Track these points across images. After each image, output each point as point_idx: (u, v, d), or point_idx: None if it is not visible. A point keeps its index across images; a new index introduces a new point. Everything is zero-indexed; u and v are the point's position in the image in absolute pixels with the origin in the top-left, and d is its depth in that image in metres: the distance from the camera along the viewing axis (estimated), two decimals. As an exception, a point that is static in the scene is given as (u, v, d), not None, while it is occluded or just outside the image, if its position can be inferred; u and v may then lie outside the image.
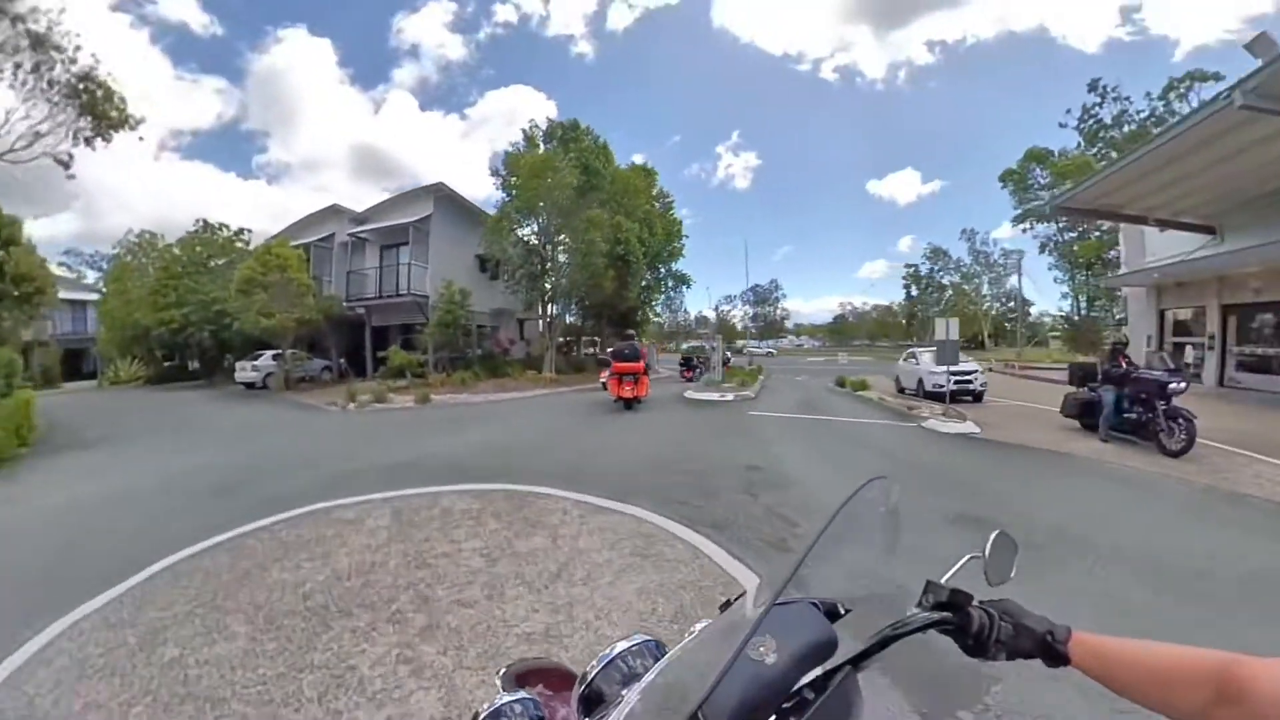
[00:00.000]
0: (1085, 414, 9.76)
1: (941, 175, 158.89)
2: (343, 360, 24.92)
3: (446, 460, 7.67)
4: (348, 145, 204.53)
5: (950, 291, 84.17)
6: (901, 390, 18.87)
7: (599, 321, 30.88)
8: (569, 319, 29.20)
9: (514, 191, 20.46)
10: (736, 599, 0.94)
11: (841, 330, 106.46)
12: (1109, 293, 46.14)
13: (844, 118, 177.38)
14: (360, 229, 23.30)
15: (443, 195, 22.81)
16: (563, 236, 20.75)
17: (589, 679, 1.00)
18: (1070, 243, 47.53)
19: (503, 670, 1.37)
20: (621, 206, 22.31)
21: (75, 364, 35.95)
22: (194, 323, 25.15)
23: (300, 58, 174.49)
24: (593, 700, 0.98)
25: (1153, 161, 11.88)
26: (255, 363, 21.47)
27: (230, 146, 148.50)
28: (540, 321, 37.57)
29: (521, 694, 1.04)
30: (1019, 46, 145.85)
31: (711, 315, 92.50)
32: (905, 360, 20.09)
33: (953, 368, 14.81)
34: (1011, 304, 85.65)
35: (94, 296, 36.65)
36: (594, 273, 20.41)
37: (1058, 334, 77.59)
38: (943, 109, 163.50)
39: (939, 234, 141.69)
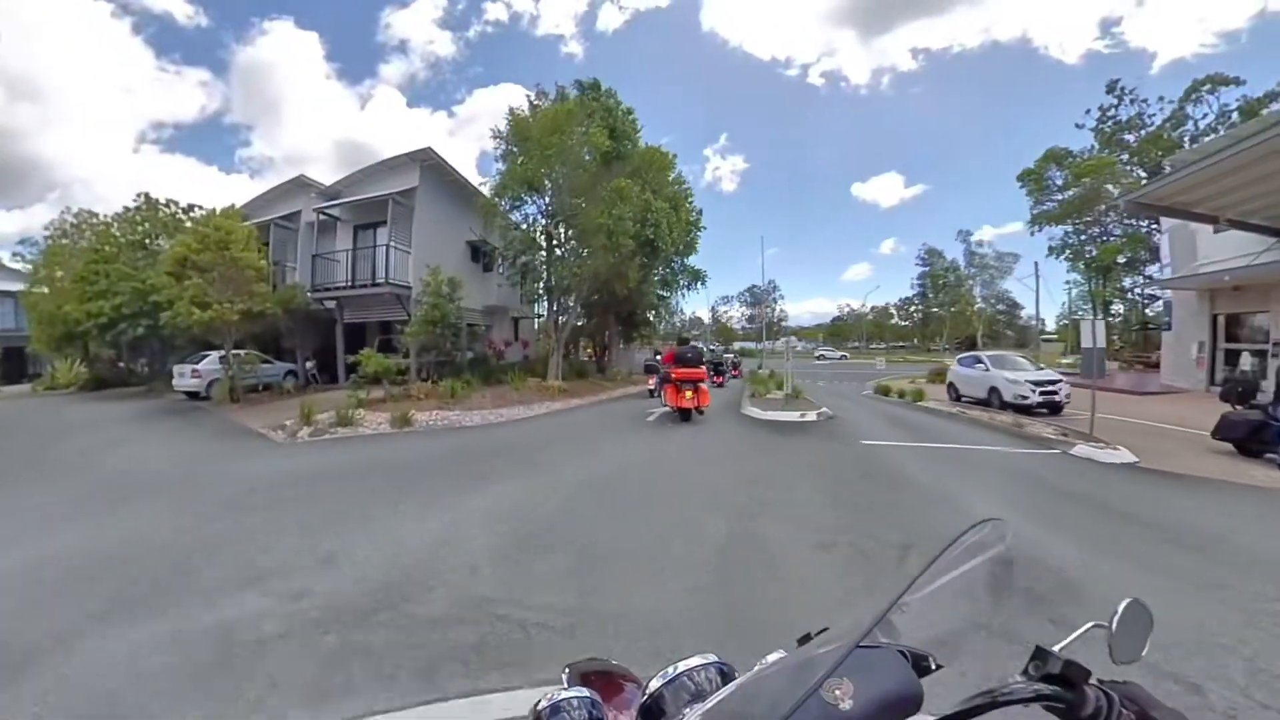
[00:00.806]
0: (1251, 437, 8.37)
1: (924, 180, 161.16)
2: (311, 363, 20.94)
3: (451, 582, 3.96)
4: (333, 140, 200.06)
5: (942, 294, 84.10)
6: (959, 398, 17.31)
7: (604, 320, 27.21)
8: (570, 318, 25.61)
9: (519, 159, 16.57)
10: (818, 634, 0.91)
11: (839, 331, 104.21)
12: (1124, 295, 43.37)
13: (830, 122, 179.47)
14: (329, 204, 19.30)
15: (430, 164, 18.89)
16: (575, 218, 16.96)
17: (651, 690, 0.98)
18: (1081, 245, 45.77)
19: (568, 667, 1.33)
20: (648, 183, 18.59)
21: (18, 364, 31.62)
22: (127, 316, 21.00)
23: (286, 51, 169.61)
24: (653, 712, 0.96)
25: (1245, 158, 11.01)
26: (197, 366, 17.48)
27: (213, 140, 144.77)
28: (536, 321, 33.84)
29: (584, 691, 1.02)
30: (1001, 56, 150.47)
31: (706, 316, 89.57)
32: (968, 366, 17.68)
33: (1036, 378, 14.33)
34: (1001, 306, 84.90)
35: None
36: (620, 257, 16.65)
37: (1051, 337, 76.37)
38: (926, 115, 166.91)
39: (921, 237, 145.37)
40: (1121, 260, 41.83)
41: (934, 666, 0.80)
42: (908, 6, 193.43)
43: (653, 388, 17.60)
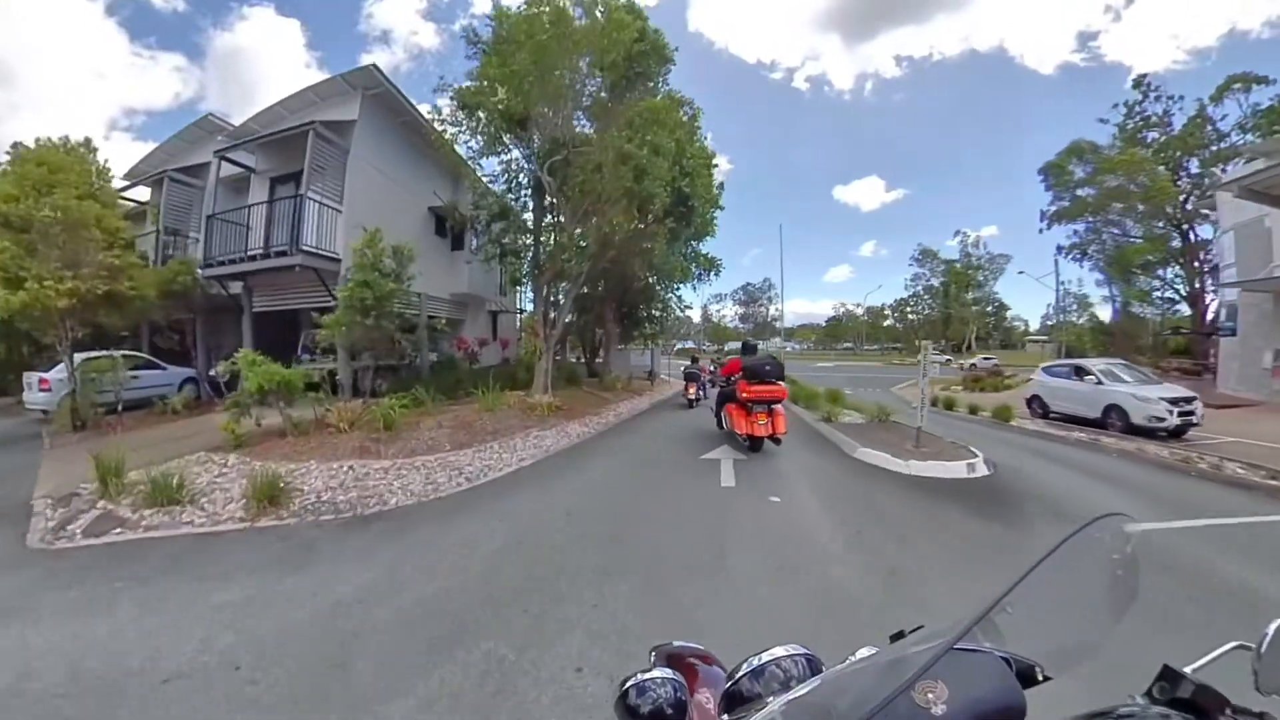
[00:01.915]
0: None
1: (905, 184, 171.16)
2: (219, 368, 15.66)
3: None
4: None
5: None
6: (1047, 414, 15.24)
7: (600, 314, 22.30)
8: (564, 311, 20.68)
9: (502, 78, 11.28)
10: (912, 632, 0.85)
11: (833, 332, 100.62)
12: (1147, 295, 40.84)
13: (813, 125, 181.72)
14: (232, 145, 14.00)
15: (376, 94, 13.60)
16: (583, 154, 11.70)
17: (736, 677, 0.98)
18: (1102, 245, 42.11)
19: (655, 648, 1.35)
20: (681, 124, 13.55)
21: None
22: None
23: (266, 38, 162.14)
24: (736, 699, 0.96)
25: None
26: (46, 375, 12.37)
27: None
28: (519, 316, 28.69)
29: (669, 672, 1.00)
30: (981, 65, 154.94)
31: (696, 315, 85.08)
32: (1064, 377, 15.07)
33: (1169, 394, 11.98)
34: (990, 308, 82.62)
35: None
36: (648, 222, 11.61)
37: (1038, 338, 74.43)
38: (907, 120, 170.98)
39: (900, 240, 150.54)
40: (1139, 263, 38.64)
41: (1041, 677, 0.73)
42: (891, 13, 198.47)
43: (693, 397, 16.06)
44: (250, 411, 9.01)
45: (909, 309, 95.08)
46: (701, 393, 16.32)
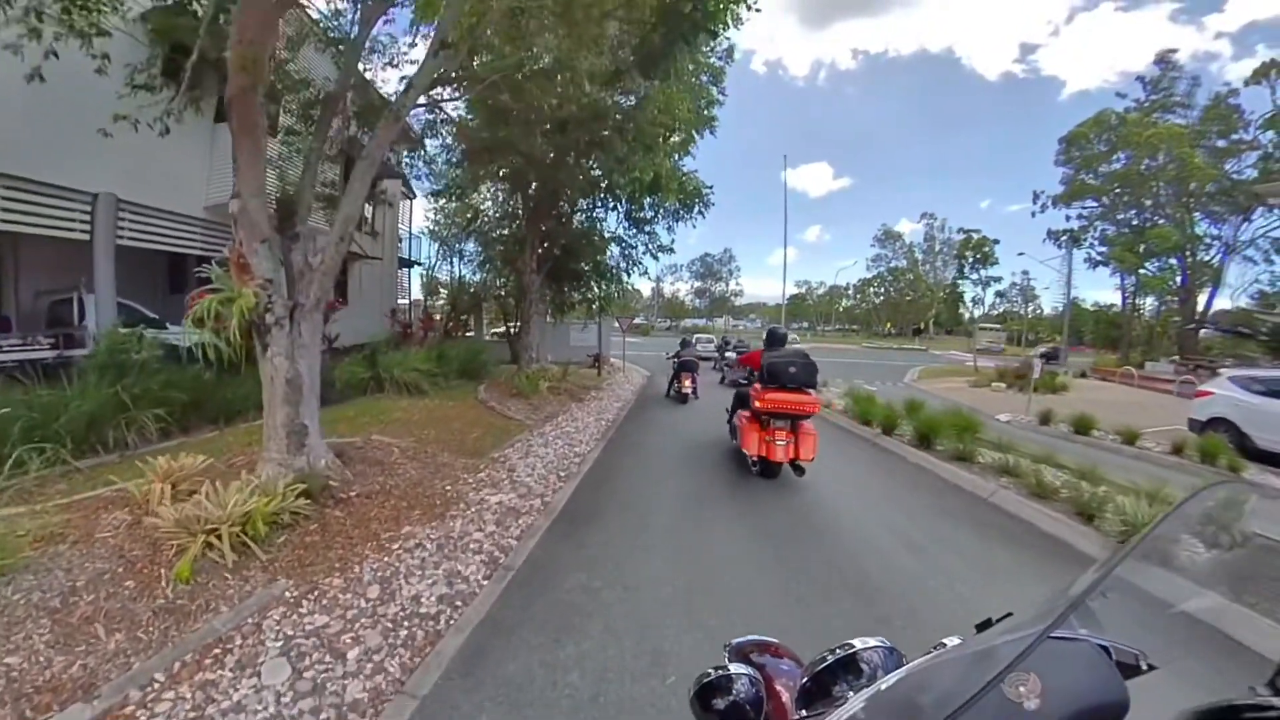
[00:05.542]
0: None
1: (851, 172, 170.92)
2: None
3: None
4: None
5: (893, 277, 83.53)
6: (1242, 449, 9.21)
7: (524, 266, 14.05)
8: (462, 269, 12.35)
9: None
10: (1000, 620, 0.77)
11: (795, 311, 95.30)
12: (1164, 284, 38.15)
13: (766, 107, 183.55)
14: None
15: None
16: None
17: (814, 670, 0.91)
18: (1084, 229, 41.62)
19: (731, 643, 1.32)
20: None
21: None
22: None
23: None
24: (815, 693, 0.89)
25: None
26: None
27: None
28: (407, 270, 19.70)
29: (746, 668, 0.98)
30: (931, 66, 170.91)
31: (647, 289, 77.42)
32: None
33: None
34: (941, 294, 79.98)
35: None
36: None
37: (990, 326, 71.59)
38: (859, 111, 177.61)
39: (844, 227, 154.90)
40: (1162, 248, 36.78)
41: (1144, 667, 0.65)
42: (847, 2, 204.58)
43: (688, 390, 13.65)
44: None
45: (872, 289, 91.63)
46: (693, 386, 13.92)
